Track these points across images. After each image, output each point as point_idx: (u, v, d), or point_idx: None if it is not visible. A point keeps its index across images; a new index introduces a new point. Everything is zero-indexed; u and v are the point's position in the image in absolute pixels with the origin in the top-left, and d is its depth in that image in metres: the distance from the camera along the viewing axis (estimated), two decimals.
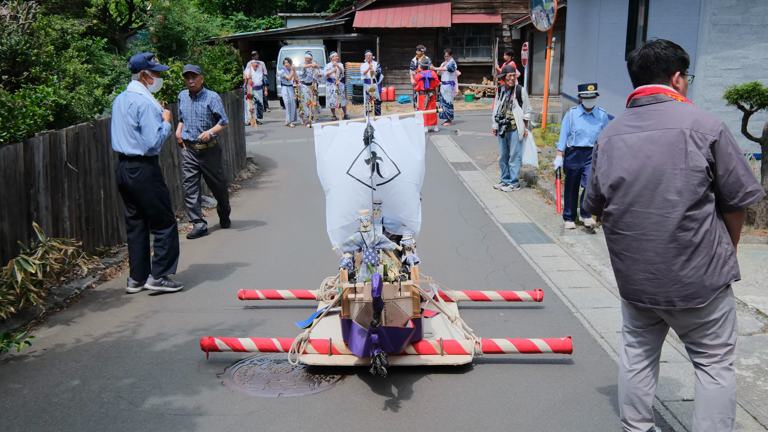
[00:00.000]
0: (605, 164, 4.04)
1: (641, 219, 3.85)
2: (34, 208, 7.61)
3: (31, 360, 6.09)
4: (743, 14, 10.18)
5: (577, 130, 9.66)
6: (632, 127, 3.93)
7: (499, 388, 5.40)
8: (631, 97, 4.03)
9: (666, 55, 3.89)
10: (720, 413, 3.88)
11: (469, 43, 28.69)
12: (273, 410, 5.14)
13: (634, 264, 3.92)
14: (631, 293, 4.01)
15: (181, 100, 10.12)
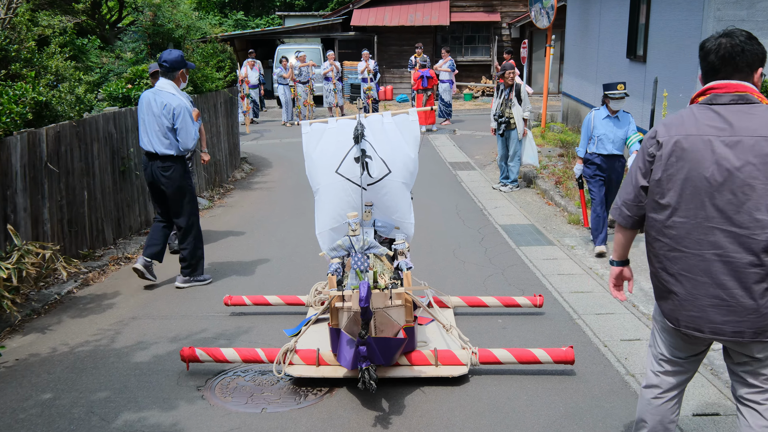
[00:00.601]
0: (674, 166, 3.36)
1: (718, 237, 3.26)
2: (11, 210, 7.27)
3: (1, 371, 5.74)
4: (749, 9, 9.88)
5: (600, 134, 8.40)
6: (715, 128, 3.29)
7: (497, 402, 5.06)
8: (708, 91, 3.42)
9: (752, 49, 3.32)
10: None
11: (468, 42, 28.42)
12: (255, 427, 4.80)
13: (699, 288, 3.33)
14: (686, 321, 3.40)
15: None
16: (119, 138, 9.62)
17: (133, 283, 7.95)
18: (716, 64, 3.37)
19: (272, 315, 6.85)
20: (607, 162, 8.44)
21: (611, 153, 8.38)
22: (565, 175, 12.49)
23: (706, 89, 3.43)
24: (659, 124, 3.53)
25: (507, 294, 7.03)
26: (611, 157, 8.43)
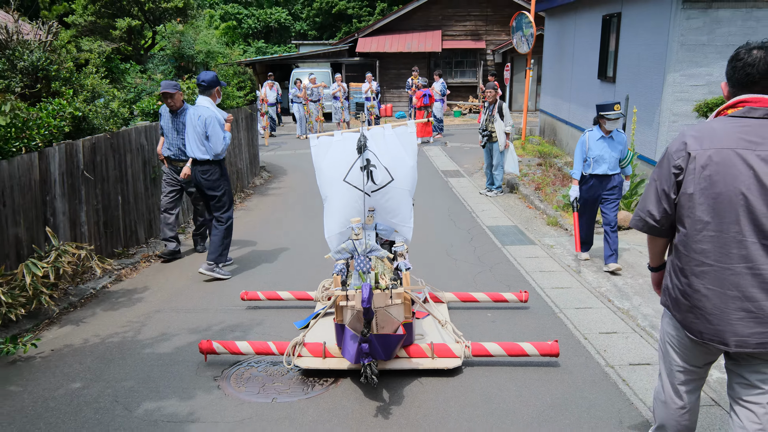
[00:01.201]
0: (707, 181, 2.96)
1: (750, 250, 2.90)
2: (51, 214, 6.96)
3: (37, 361, 5.42)
4: (709, 35, 9.54)
5: (595, 155, 7.23)
6: (750, 142, 2.90)
7: (489, 393, 4.72)
8: (741, 104, 3.01)
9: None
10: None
11: (457, 66, 28.14)
12: (265, 417, 4.46)
13: (727, 302, 2.96)
14: (710, 334, 3.02)
15: (162, 115, 8.23)
16: (150, 149, 9.28)
17: (161, 278, 7.65)
18: (754, 77, 2.96)
19: (284, 309, 6.51)
20: (602, 182, 7.40)
21: (606, 173, 7.32)
22: (544, 182, 12.20)
23: (738, 102, 3.02)
24: (688, 136, 3.06)
25: (495, 290, 6.69)
26: (605, 177, 7.38)
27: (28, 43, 8.27)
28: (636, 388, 4.73)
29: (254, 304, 6.61)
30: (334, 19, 43.83)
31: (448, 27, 27.90)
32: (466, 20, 27.88)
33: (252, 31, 42.87)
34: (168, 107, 8.10)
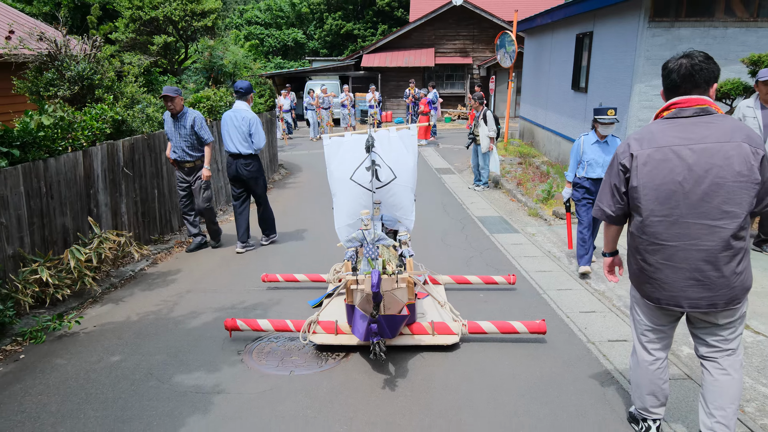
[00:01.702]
0: (649, 176, 3.03)
1: (694, 229, 2.98)
2: (94, 205, 6.73)
3: (80, 337, 5.18)
4: (671, 51, 9.24)
5: (589, 159, 6.37)
6: (683, 138, 2.97)
7: (484, 367, 4.48)
8: (672, 106, 3.07)
9: (708, 67, 3.00)
10: (733, 402, 3.16)
11: (448, 78, 27.82)
12: (284, 389, 4.22)
13: (677, 272, 3.05)
14: (666, 299, 3.13)
15: (165, 121, 7.52)
16: None
17: (192, 262, 7.40)
18: (677, 82, 3.06)
19: (299, 290, 6.26)
20: (596, 186, 6.47)
21: (600, 177, 6.42)
22: (524, 179, 11.95)
23: (670, 104, 3.10)
24: (631, 140, 3.15)
25: (485, 273, 6.46)
26: (600, 180, 6.34)
27: (75, 56, 8.00)
28: (616, 363, 4.49)
29: (273, 285, 6.37)
30: (342, 38, 43.57)
31: (440, 45, 27.62)
32: (456, 39, 27.57)
33: (272, 48, 42.55)
34: (169, 111, 7.39)
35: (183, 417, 3.86)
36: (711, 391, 3.19)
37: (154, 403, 4.02)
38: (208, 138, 7.52)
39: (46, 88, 7.83)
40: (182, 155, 7.49)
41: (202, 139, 7.47)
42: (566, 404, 3.94)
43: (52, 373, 4.48)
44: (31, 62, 8.10)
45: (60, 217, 6.13)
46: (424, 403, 3.98)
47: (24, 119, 5.99)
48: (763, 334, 4.95)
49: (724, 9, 9.16)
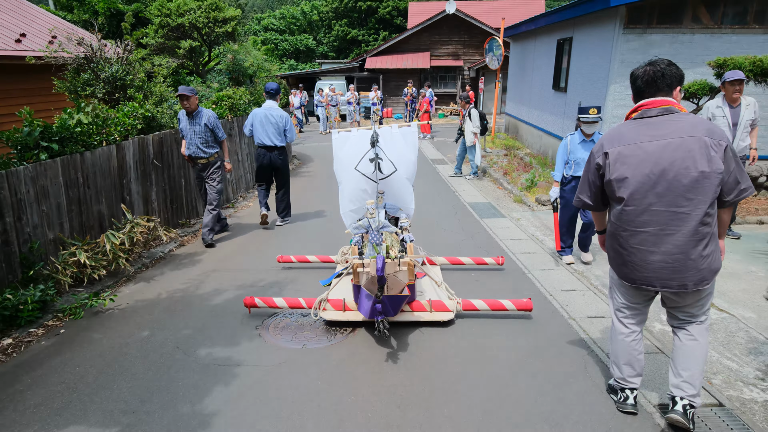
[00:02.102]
0: (620, 170, 2.99)
1: (662, 217, 2.93)
2: (127, 194, 6.58)
3: (115, 313, 5.06)
4: (643, 55, 9.02)
5: (576, 158, 5.80)
6: (649, 135, 2.94)
7: (477, 341, 4.36)
8: (639, 108, 3.06)
9: (670, 72, 2.98)
10: (698, 364, 3.13)
11: (442, 79, 27.42)
12: (297, 361, 4.10)
13: (650, 255, 3.00)
14: (641, 279, 3.08)
15: (180, 119, 7.03)
16: None
17: (216, 243, 7.22)
18: (642, 87, 3.06)
19: (311, 269, 6.12)
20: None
21: None
22: (510, 168, 11.78)
23: (638, 107, 3.08)
24: (604, 140, 3.13)
25: (476, 255, 6.30)
26: None
27: (109, 59, 7.79)
28: (594, 338, 4.37)
29: (288, 265, 6.23)
30: (348, 43, 43.10)
31: (435, 49, 27.23)
32: (449, 44, 27.18)
33: (286, 52, 42.05)
34: (184, 109, 6.90)
35: (207, 387, 3.76)
36: (679, 354, 3.17)
37: (180, 375, 3.91)
38: (223, 135, 7.16)
39: (83, 88, 7.63)
40: (196, 152, 7.04)
41: (217, 136, 7.08)
42: (551, 376, 3.83)
43: (89, 347, 4.37)
44: (70, 64, 7.90)
45: (96, 204, 5.99)
46: (424, 375, 3.86)
47: (63, 116, 5.83)
48: (728, 312, 4.83)
49: (692, 17, 8.92)
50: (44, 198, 5.24)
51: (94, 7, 17.02)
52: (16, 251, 4.94)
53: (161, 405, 3.56)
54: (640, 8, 8.90)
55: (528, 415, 3.41)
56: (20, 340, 4.51)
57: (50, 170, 5.31)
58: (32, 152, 5.28)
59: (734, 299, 5.07)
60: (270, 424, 3.35)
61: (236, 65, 11.70)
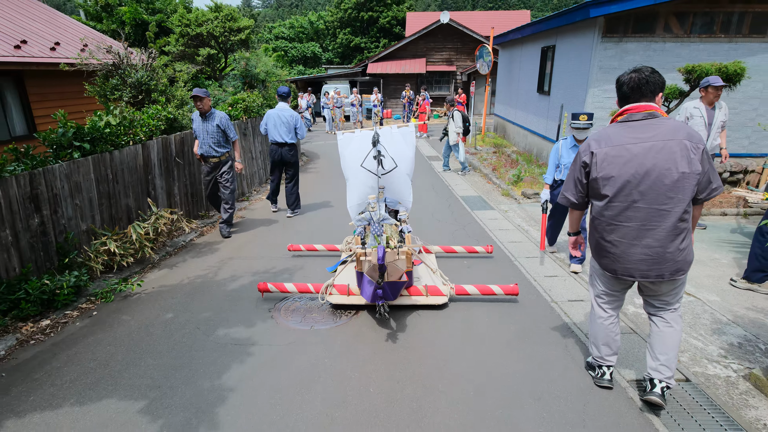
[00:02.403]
0: (606, 169, 2.94)
1: (644, 213, 2.88)
2: (152, 188, 6.55)
3: (142, 297, 5.04)
4: (619, 61, 8.95)
5: (566, 163, 5.40)
6: (634, 138, 2.88)
7: (469, 323, 4.35)
8: (624, 112, 2.98)
9: (654, 80, 2.92)
10: (673, 349, 3.13)
11: (436, 83, 27.21)
12: (306, 341, 4.09)
13: (631, 248, 2.96)
14: (621, 270, 3.05)
15: (193, 120, 6.76)
16: None
17: (232, 233, 7.19)
18: (627, 93, 2.98)
19: (318, 257, 6.10)
20: None
21: None
22: (498, 165, 11.71)
23: (623, 111, 3.00)
24: (591, 141, 3.05)
25: (468, 244, 6.30)
26: None
27: (135, 65, 7.73)
28: (574, 319, 4.36)
29: (297, 254, 6.20)
30: (352, 50, 42.79)
31: (430, 56, 27.03)
32: (443, 51, 26.98)
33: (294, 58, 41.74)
34: (198, 110, 6.63)
35: (224, 365, 3.76)
36: (656, 340, 3.15)
37: (200, 353, 3.91)
38: (234, 136, 6.86)
39: (111, 92, 7.58)
40: (209, 151, 6.76)
41: (229, 136, 6.80)
42: (535, 354, 3.83)
43: (118, 328, 4.37)
44: (100, 70, 7.84)
45: (124, 198, 5.97)
46: (420, 354, 3.86)
47: (93, 119, 5.80)
48: (694, 295, 4.82)
49: (664, 27, 8.84)
50: (77, 193, 5.22)
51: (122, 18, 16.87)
52: (52, 241, 4.93)
53: (183, 380, 3.57)
54: (616, 19, 8.82)
55: (515, 389, 3.42)
56: (57, 321, 4.52)
57: (83, 168, 5.29)
58: (66, 151, 5.25)
59: (700, 284, 5.07)
60: (281, 399, 3.36)
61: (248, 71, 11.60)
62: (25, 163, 4.77)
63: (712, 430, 3.04)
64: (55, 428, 3.14)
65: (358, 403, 3.30)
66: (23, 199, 4.62)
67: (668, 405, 3.23)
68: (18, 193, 4.57)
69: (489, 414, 3.20)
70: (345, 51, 43.18)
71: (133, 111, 6.60)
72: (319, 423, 3.13)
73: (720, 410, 3.20)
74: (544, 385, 3.46)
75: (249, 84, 11.44)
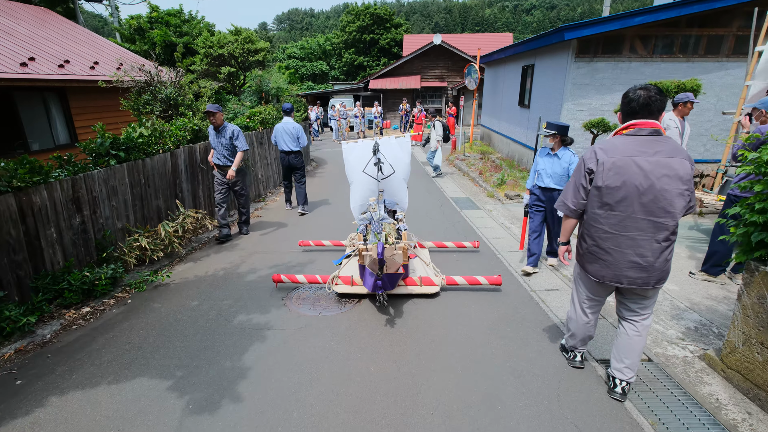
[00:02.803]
0: (612, 179, 2.73)
1: (640, 224, 2.72)
2: (179, 191, 6.52)
3: (171, 287, 5.03)
4: (590, 78, 8.93)
5: (539, 168, 4.98)
6: (641, 152, 2.69)
7: (457, 309, 4.34)
8: (631, 126, 2.78)
9: (661, 99, 2.74)
10: (639, 354, 3.02)
11: (430, 97, 27.15)
12: (315, 326, 4.08)
13: (623, 256, 2.78)
14: (610, 277, 2.86)
15: (209, 133, 6.42)
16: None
17: (250, 230, 7.19)
18: (636, 108, 2.76)
19: (326, 252, 6.09)
20: (545, 194, 5.01)
21: (548, 186, 4.93)
22: (484, 169, 11.66)
23: (630, 125, 2.78)
24: (597, 149, 2.81)
25: (457, 239, 6.29)
26: (548, 190, 4.97)
27: (164, 82, 7.71)
28: (551, 306, 4.36)
29: (307, 249, 6.19)
30: (355, 68, 42.70)
31: (424, 73, 26.99)
32: (435, 69, 26.94)
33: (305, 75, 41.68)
34: (212, 124, 6.32)
35: (243, 346, 3.76)
36: (624, 346, 3.02)
37: (222, 337, 3.91)
38: (243, 147, 6.39)
39: (143, 106, 7.56)
40: (224, 161, 6.44)
41: (237, 147, 6.39)
42: (516, 337, 3.83)
43: (150, 314, 4.37)
44: (133, 87, 7.82)
45: (155, 200, 5.96)
46: (415, 337, 3.86)
47: (128, 130, 5.78)
48: None
49: (629, 48, 8.82)
50: (114, 195, 5.21)
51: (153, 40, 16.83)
52: (92, 238, 4.93)
53: (207, 361, 3.57)
54: (588, 41, 8.80)
55: (498, 368, 3.42)
56: (96, 308, 4.51)
57: (118, 173, 5.28)
58: (104, 159, 5.24)
59: None
60: (293, 375, 3.36)
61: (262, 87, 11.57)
62: (68, 169, 4.76)
63: (672, 404, 3.04)
64: (95, 403, 3.15)
65: (360, 380, 3.30)
66: (66, 201, 4.62)
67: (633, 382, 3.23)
68: (62, 196, 4.56)
69: (475, 389, 3.20)
70: (349, 69, 43.10)
71: (163, 123, 6.58)
72: (326, 397, 3.13)
73: (678, 387, 3.20)
74: (523, 364, 3.46)
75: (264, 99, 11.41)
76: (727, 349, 3.23)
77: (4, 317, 3.86)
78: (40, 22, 11.51)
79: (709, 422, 2.85)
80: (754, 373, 3.01)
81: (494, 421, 2.93)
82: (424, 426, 2.88)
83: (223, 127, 6.38)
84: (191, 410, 3.06)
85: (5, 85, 7.58)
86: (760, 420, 2.85)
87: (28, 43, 9.60)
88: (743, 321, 3.10)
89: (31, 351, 3.79)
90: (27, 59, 8.51)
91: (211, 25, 19.38)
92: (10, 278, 4.04)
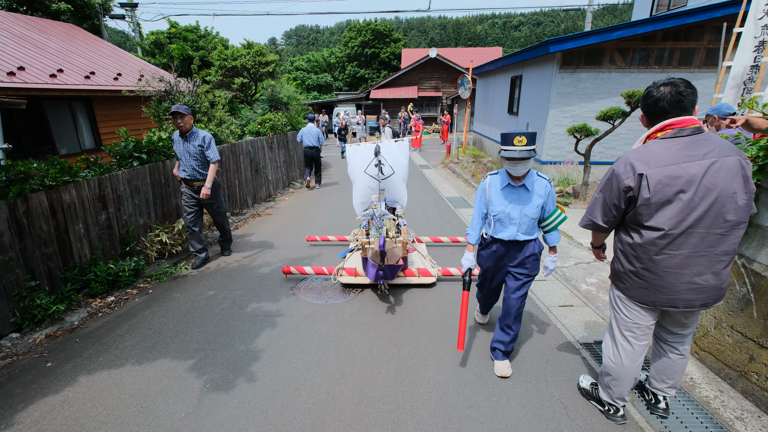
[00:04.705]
0: (662, 192, 2.11)
1: (698, 239, 2.13)
2: None
3: (189, 278, 5.03)
4: (573, 87, 8.94)
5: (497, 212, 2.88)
6: (687, 155, 2.10)
7: (452, 297, 4.34)
8: (668, 127, 2.17)
9: (692, 92, 2.14)
10: (682, 374, 2.57)
11: (426, 105, 27.21)
12: (322, 313, 4.08)
13: (678, 278, 2.19)
14: (663, 302, 2.25)
15: (174, 141, 5.02)
16: (254, 153, 8.72)
17: (261, 227, 7.18)
18: (667, 108, 2.16)
19: (331, 246, 6.08)
20: (511, 250, 2.95)
21: (515, 239, 2.88)
22: (476, 171, 11.66)
23: (665, 126, 2.17)
24: (632, 160, 2.16)
25: (452, 235, 6.28)
26: (516, 242, 2.91)
27: (182, 92, 7.71)
28: (537, 294, 4.35)
29: (314, 243, 6.18)
30: (358, 80, 42.70)
31: (421, 83, 26.99)
32: (431, 80, 26.94)
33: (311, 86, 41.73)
34: (178, 129, 4.90)
35: (255, 332, 3.76)
36: (667, 368, 2.56)
37: (236, 323, 3.92)
38: (215, 157, 4.98)
39: (163, 113, 7.56)
40: (192, 173, 5.02)
41: (209, 158, 4.98)
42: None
43: (170, 303, 4.37)
44: (154, 96, 7.82)
45: (173, 198, 5.96)
46: (414, 323, 3.86)
47: (149, 135, 5.78)
48: None
49: (609, 60, 8.83)
50: (136, 194, 5.21)
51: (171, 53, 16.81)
52: (116, 233, 4.93)
53: (223, 344, 3.58)
54: (571, 54, 8.81)
55: (489, 350, 3.42)
56: (120, 297, 4.52)
57: (140, 174, 5.28)
58: (127, 161, 5.24)
59: None
60: (302, 358, 3.37)
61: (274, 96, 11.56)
62: (95, 170, 4.76)
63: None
64: (120, 383, 3.15)
65: (364, 362, 3.30)
66: (93, 199, 4.62)
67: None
68: (89, 194, 4.56)
69: (469, 369, 3.20)
70: (352, 80, 43.11)
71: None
72: (333, 377, 3.14)
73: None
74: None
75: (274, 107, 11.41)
76: (700, 333, 3.23)
77: (36, 305, 3.86)
78: (69, 37, 11.51)
79: (684, 399, 2.85)
80: (725, 354, 3.01)
81: (487, 397, 2.93)
82: (422, 402, 2.89)
83: (191, 132, 4.96)
84: (209, 389, 3.06)
85: (36, 95, 7.59)
86: (731, 397, 2.85)
87: (58, 56, 9.60)
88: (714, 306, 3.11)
89: (60, 336, 3.79)
90: (56, 71, 8.51)
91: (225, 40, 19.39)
92: (41, 269, 4.05)
